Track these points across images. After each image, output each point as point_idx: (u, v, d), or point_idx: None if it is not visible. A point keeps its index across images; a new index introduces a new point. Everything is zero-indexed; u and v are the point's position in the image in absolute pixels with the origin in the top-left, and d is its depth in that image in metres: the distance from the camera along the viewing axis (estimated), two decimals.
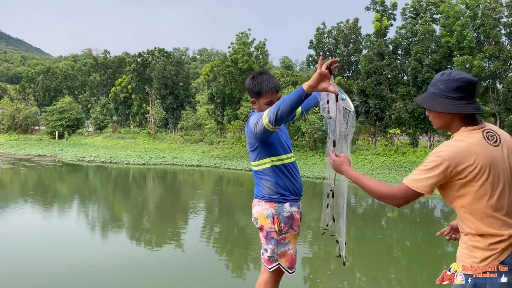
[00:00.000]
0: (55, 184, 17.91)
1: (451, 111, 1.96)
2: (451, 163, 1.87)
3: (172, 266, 7.01)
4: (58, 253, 7.28)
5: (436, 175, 1.89)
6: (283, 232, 2.77)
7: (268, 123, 2.49)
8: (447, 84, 1.97)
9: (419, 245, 8.84)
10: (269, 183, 2.77)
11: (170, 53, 44.58)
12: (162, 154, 29.42)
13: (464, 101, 1.95)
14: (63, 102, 41.10)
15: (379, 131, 27.30)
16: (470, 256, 1.92)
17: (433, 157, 1.92)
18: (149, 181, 19.81)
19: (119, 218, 11.09)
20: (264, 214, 2.79)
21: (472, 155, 1.87)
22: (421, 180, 1.92)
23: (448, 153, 1.89)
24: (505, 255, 1.86)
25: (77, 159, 26.78)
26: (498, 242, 1.87)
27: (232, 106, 33.66)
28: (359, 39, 28.80)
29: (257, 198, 2.88)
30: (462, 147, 1.89)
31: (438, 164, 1.89)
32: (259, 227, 2.85)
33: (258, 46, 34.25)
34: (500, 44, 21.84)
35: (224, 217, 11.43)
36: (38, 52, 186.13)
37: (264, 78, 2.81)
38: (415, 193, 1.94)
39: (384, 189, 2.01)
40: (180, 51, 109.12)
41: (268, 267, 2.83)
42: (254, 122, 2.65)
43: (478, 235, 1.90)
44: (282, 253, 2.79)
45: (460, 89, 1.95)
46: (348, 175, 2.22)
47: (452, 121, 2.01)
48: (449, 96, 1.96)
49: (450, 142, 1.96)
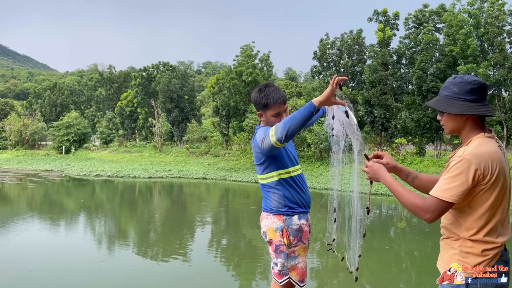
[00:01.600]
0: (62, 199, 17.97)
1: (466, 112, 1.94)
2: (478, 167, 1.84)
3: (180, 279, 6.97)
4: (66, 269, 7.27)
5: (466, 181, 1.84)
6: (292, 245, 2.74)
7: (276, 141, 2.46)
8: (460, 87, 1.96)
9: (428, 255, 8.73)
10: (277, 196, 2.75)
11: (175, 67, 44.94)
12: (168, 167, 29.47)
13: (477, 103, 1.94)
14: (70, 117, 41.43)
15: (385, 140, 27.21)
16: (463, 262, 1.92)
17: (459, 162, 1.87)
18: (156, 194, 19.82)
19: (126, 232, 11.08)
20: (273, 227, 2.76)
21: (494, 161, 1.86)
22: (451, 189, 1.86)
23: (473, 157, 1.85)
24: (495, 260, 1.90)
25: (83, 173, 26.88)
26: (491, 249, 1.89)
27: (237, 118, 33.76)
28: (362, 49, 28.91)
29: (265, 211, 2.85)
30: (486, 152, 1.88)
31: (465, 169, 1.85)
32: (268, 240, 2.82)
33: (262, 58, 34.46)
34: (505, 52, 21.80)
35: (231, 230, 11.38)
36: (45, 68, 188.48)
37: (271, 90, 2.80)
38: (446, 204, 1.88)
39: (418, 202, 1.93)
40: (185, 65, 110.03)
41: (279, 281, 2.80)
42: (261, 138, 2.61)
43: (473, 240, 1.91)
44: (292, 266, 2.76)
45: (473, 91, 1.94)
46: (385, 182, 2.12)
47: (465, 125, 1.99)
48: (463, 98, 1.95)
49: (473, 146, 1.91)
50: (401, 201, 2.01)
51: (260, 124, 2.94)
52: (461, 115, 1.96)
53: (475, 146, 1.91)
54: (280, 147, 2.54)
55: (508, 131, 21.74)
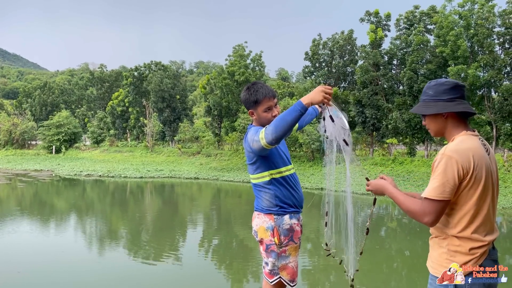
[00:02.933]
0: (52, 199, 17.81)
1: (442, 111, 2.02)
2: (460, 162, 1.88)
3: (171, 279, 6.95)
4: (56, 270, 7.21)
5: (452, 177, 1.88)
6: (283, 245, 2.74)
7: (266, 143, 2.46)
8: (435, 89, 2.06)
9: (419, 255, 8.80)
10: (269, 195, 2.75)
11: (166, 66, 44.75)
12: (159, 167, 29.35)
13: (454, 102, 2.02)
14: (60, 117, 41.06)
15: (376, 141, 27.35)
16: (451, 261, 1.95)
17: (442, 160, 1.92)
18: (147, 194, 19.72)
19: (117, 233, 11.01)
20: (264, 226, 2.76)
21: (475, 157, 1.90)
22: (439, 187, 1.90)
23: (454, 153, 1.90)
24: (483, 258, 1.92)
25: (74, 173, 26.67)
26: (479, 247, 1.91)
27: (229, 118, 33.73)
28: (354, 50, 29.01)
29: (256, 210, 2.86)
30: (467, 148, 1.92)
31: (449, 165, 1.89)
32: (259, 240, 2.82)
33: (255, 58, 34.46)
34: (494, 53, 22.02)
35: (223, 230, 11.36)
36: (35, 67, 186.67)
37: (259, 86, 2.81)
38: (440, 203, 1.90)
39: (416, 207, 1.97)
40: (177, 64, 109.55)
41: (269, 280, 2.80)
42: (252, 138, 2.61)
43: (460, 238, 1.93)
44: (283, 266, 2.76)
45: (448, 91, 2.03)
46: (388, 193, 2.15)
47: (447, 124, 2.05)
48: (439, 99, 2.04)
49: (454, 143, 1.97)
50: (402, 209, 2.05)
51: (252, 124, 2.93)
52: (441, 116, 2.04)
53: (457, 143, 1.97)
54: (271, 148, 2.55)
55: (497, 132, 21.98)
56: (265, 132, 2.46)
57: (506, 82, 21.53)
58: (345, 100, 27.80)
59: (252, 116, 2.87)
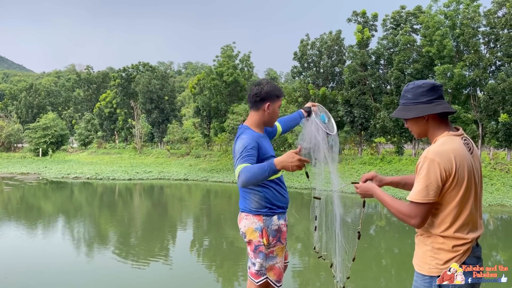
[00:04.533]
0: (40, 202, 17.59)
1: (422, 114, 2.04)
2: (443, 164, 1.91)
3: (161, 281, 6.91)
4: (44, 275, 7.12)
5: (435, 180, 1.91)
6: (271, 246, 2.77)
7: (237, 182, 2.55)
8: (413, 92, 2.09)
9: (407, 253, 8.88)
10: (258, 197, 2.76)
11: (154, 67, 44.49)
12: (148, 168, 29.17)
13: (433, 103, 2.05)
14: (47, 119, 40.56)
15: (365, 140, 27.54)
16: (435, 258, 1.98)
17: (424, 163, 1.94)
18: (136, 196, 19.59)
19: (106, 236, 10.91)
20: (253, 227, 2.77)
21: (457, 158, 1.93)
22: (423, 190, 1.93)
23: (436, 155, 1.93)
24: (466, 256, 1.95)
25: (61, 176, 26.37)
26: (461, 245, 1.94)
27: (218, 119, 33.66)
28: (342, 50, 29.17)
29: (244, 212, 2.86)
30: (449, 149, 1.95)
31: (431, 167, 1.92)
32: (247, 241, 2.84)
33: (243, 59, 34.45)
34: (479, 52, 22.33)
35: (213, 231, 11.33)
36: (21, 68, 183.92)
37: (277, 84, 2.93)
38: (424, 206, 1.93)
39: (403, 209, 2.01)
40: (165, 65, 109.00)
41: (255, 281, 2.82)
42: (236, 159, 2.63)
43: (444, 237, 1.96)
44: (270, 266, 2.78)
45: (426, 93, 2.06)
46: (376, 196, 2.19)
47: (428, 126, 2.08)
48: (418, 102, 2.07)
49: (436, 145, 2.00)
50: (391, 211, 2.08)
51: (245, 124, 2.91)
52: (422, 118, 2.06)
53: (438, 144, 1.99)
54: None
55: (483, 130, 22.29)
56: (239, 174, 2.50)
57: (491, 81, 21.85)
58: (334, 100, 27.94)
59: (268, 109, 2.82)
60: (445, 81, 21.87)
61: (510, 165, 20.00)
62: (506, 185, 18.33)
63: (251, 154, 2.58)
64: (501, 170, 19.84)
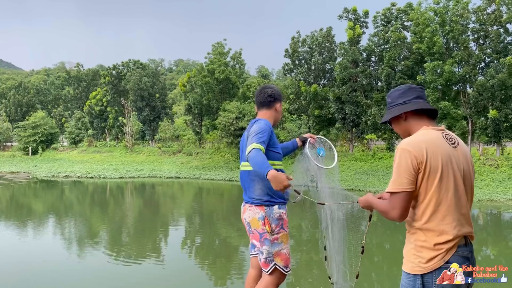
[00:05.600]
0: (30, 201, 17.42)
1: (398, 113, 2.16)
2: (414, 153, 1.95)
3: (154, 279, 6.89)
4: (35, 275, 7.06)
5: (407, 167, 1.95)
6: (275, 233, 2.92)
7: (248, 152, 2.73)
8: (391, 96, 2.25)
9: (399, 248, 8.95)
10: (261, 184, 2.91)
11: (145, 65, 44.24)
12: (140, 166, 29.03)
13: (409, 103, 2.15)
14: (36, 117, 40.16)
15: (356, 137, 27.66)
16: (417, 257, 1.98)
17: (397, 153, 2.01)
18: (127, 194, 19.49)
19: (97, 234, 10.84)
20: (256, 217, 2.93)
21: (430, 148, 1.96)
22: (397, 179, 1.97)
23: (407, 145, 1.99)
24: (449, 255, 1.94)
25: (52, 175, 26.15)
26: (443, 243, 1.93)
27: (210, 116, 33.57)
28: (333, 47, 29.23)
29: (247, 203, 3.01)
30: (421, 139, 2.00)
31: (403, 156, 1.97)
32: (252, 231, 2.98)
33: (234, 56, 34.37)
34: (469, 49, 22.51)
35: (206, 229, 11.32)
36: (9, 66, 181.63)
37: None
38: (402, 195, 1.95)
39: (384, 204, 2.06)
40: (156, 62, 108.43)
41: (266, 270, 2.94)
42: (256, 130, 2.85)
43: (425, 233, 1.97)
44: (276, 252, 2.93)
45: (402, 95, 2.19)
46: (374, 206, 2.22)
47: (409, 124, 2.17)
48: (396, 104, 2.20)
49: (410, 137, 2.07)
50: (379, 212, 2.12)
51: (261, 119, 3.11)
52: (401, 118, 2.18)
53: (412, 136, 2.07)
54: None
55: (473, 126, 22.50)
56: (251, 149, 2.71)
57: (480, 78, 22.04)
58: (325, 97, 28.01)
59: (277, 109, 3.19)
60: (435, 77, 22.02)
61: (499, 161, 20.23)
62: (495, 180, 18.54)
63: (265, 137, 2.83)
64: (490, 165, 20.06)
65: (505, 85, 20.24)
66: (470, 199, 2.07)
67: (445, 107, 21.74)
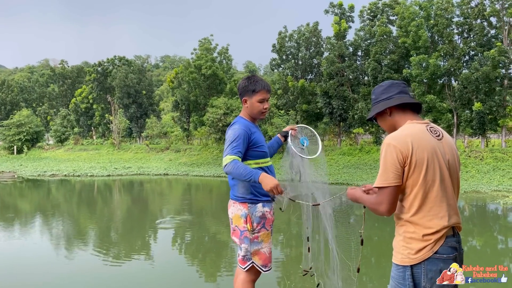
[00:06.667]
0: (16, 201, 17.17)
1: (382, 108, 2.19)
2: (399, 147, 1.97)
3: (142, 279, 6.86)
4: (21, 275, 6.97)
5: (393, 162, 1.97)
6: (255, 231, 2.89)
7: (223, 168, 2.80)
8: (375, 93, 2.28)
9: (387, 241, 9.05)
10: (243, 183, 2.88)
11: (131, 61, 43.82)
12: (127, 164, 28.82)
13: (392, 98, 2.18)
14: (21, 116, 39.53)
15: (344, 131, 27.84)
16: (407, 248, 2.01)
17: (382, 148, 2.04)
18: (115, 192, 19.35)
19: (85, 233, 10.75)
20: (239, 214, 2.92)
21: (414, 142, 1.98)
22: (383, 173, 1.99)
23: (392, 139, 2.01)
24: (438, 245, 1.96)
25: (38, 174, 25.81)
26: (432, 234, 1.96)
27: (197, 113, 33.44)
28: (320, 41, 29.30)
29: (232, 199, 3.00)
30: (406, 133, 2.02)
31: (388, 150, 1.99)
32: (233, 227, 2.97)
33: (221, 52, 34.24)
34: (454, 42, 22.78)
35: (195, 225, 11.29)
36: None
37: (259, 78, 3.06)
38: (389, 190, 1.98)
39: (372, 199, 2.08)
40: (142, 59, 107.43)
41: (242, 267, 2.93)
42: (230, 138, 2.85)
43: (414, 225, 1.99)
44: (255, 251, 2.90)
45: (385, 91, 2.22)
46: (361, 200, 2.24)
47: (393, 119, 2.19)
48: (380, 100, 2.22)
49: (394, 132, 2.09)
50: (368, 207, 2.16)
51: (240, 116, 3.10)
52: (385, 113, 2.20)
53: (397, 131, 2.09)
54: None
55: (458, 119, 22.80)
56: (227, 164, 2.74)
57: (465, 71, 22.33)
58: (312, 92, 28.09)
59: (244, 104, 3.06)
60: (420, 71, 22.23)
61: (484, 153, 20.55)
62: (480, 172, 18.84)
63: (239, 146, 2.81)
64: (475, 157, 20.37)
65: (489, 78, 20.53)
66: (457, 190, 2.10)
67: (430, 101, 21.98)
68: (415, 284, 1.97)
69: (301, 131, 3.31)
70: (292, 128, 3.30)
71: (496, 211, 12.85)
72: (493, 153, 20.31)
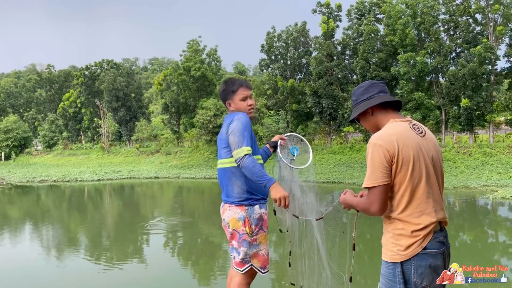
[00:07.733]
0: (4, 208, 16.94)
1: (363, 109, 2.20)
2: (387, 148, 1.98)
3: (136, 282, 6.80)
4: (10, 281, 6.87)
5: (380, 161, 1.99)
6: (254, 234, 2.87)
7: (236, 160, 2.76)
8: (355, 93, 2.30)
9: (379, 238, 9.09)
10: (240, 181, 2.85)
11: (119, 64, 43.56)
12: (117, 168, 28.62)
13: (373, 98, 2.19)
14: (8, 122, 39.10)
15: (334, 130, 27.96)
16: (396, 245, 2.02)
17: (368, 149, 2.05)
18: (106, 197, 19.19)
19: (76, 239, 10.63)
20: (236, 217, 2.87)
21: (400, 141, 2.00)
22: (372, 173, 2.01)
23: (377, 139, 2.03)
24: (426, 241, 1.99)
25: (26, 180, 25.51)
26: (420, 229, 1.98)
27: (187, 115, 33.33)
28: (308, 41, 29.41)
29: (227, 203, 2.93)
30: (390, 133, 2.04)
31: (374, 150, 2.01)
32: (231, 231, 2.90)
33: (210, 53, 34.19)
34: (440, 40, 23.01)
35: (187, 228, 11.24)
36: None
37: (236, 79, 3.07)
38: (379, 189, 1.99)
39: (363, 201, 2.09)
40: (130, 62, 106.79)
41: (240, 269, 2.89)
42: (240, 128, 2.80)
43: (403, 221, 2.01)
44: (254, 254, 2.89)
45: (365, 91, 2.23)
46: (353, 205, 2.24)
47: (376, 119, 2.21)
48: (361, 100, 2.24)
49: (379, 131, 2.11)
50: (360, 210, 2.17)
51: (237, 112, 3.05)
52: (367, 113, 2.23)
53: (381, 130, 2.11)
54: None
55: (446, 115, 23.02)
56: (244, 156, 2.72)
57: (452, 68, 22.57)
58: (302, 91, 28.17)
59: (229, 107, 3.03)
60: (408, 69, 22.42)
61: (472, 148, 20.77)
62: (469, 167, 19.04)
63: (249, 137, 2.80)
64: (464, 153, 20.58)
65: (476, 74, 20.77)
66: (442, 185, 2.13)
67: (419, 98, 22.18)
68: (406, 280, 1.98)
69: (290, 140, 3.28)
70: (282, 138, 3.26)
71: (486, 205, 12.99)
72: (482, 148, 20.54)
